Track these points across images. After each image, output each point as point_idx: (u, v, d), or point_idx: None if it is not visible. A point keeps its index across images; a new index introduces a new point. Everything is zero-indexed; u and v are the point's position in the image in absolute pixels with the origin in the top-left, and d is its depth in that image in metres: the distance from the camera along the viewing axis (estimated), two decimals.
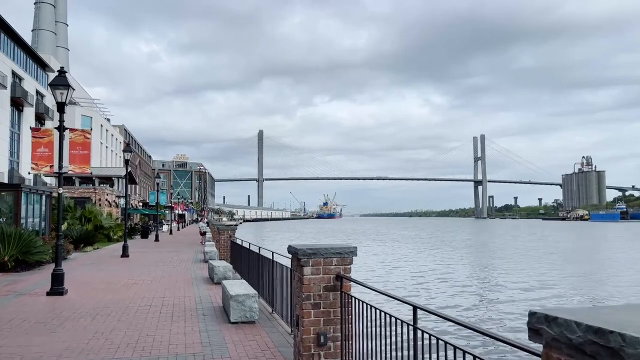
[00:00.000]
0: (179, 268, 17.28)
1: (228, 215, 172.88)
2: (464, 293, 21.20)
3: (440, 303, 18.43)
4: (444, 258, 37.47)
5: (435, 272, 28.70)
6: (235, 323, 8.17)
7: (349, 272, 5.41)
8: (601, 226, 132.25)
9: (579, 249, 47.73)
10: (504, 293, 21.19)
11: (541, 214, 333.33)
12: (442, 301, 19.04)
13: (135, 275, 14.98)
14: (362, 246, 48.70)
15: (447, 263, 33.85)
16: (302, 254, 5.25)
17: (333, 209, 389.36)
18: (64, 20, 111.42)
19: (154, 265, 18.45)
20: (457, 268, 30.80)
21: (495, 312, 17.12)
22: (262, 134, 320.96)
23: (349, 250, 5.38)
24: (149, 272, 16.03)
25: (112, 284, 12.99)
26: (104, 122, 75.45)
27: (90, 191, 45.70)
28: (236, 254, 15.51)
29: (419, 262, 34.38)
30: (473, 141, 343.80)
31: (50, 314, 9.12)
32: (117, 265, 18.20)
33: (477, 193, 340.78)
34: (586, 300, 19.89)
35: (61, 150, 11.49)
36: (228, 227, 17.43)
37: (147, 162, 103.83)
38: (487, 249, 48.36)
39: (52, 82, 11.13)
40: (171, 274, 15.33)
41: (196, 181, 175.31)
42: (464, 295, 20.67)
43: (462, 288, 22.53)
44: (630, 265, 31.87)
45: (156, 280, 13.95)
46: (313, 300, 5.29)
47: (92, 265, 18.16)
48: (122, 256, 22.03)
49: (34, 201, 23.68)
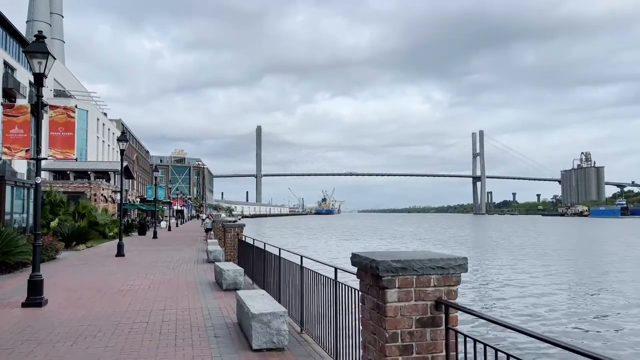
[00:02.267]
0: (180, 270, 15.36)
1: (227, 211, 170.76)
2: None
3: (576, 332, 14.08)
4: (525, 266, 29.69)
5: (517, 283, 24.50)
6: (259, 350, 6.27)
7: (455, 296, 3.52)
8: (605, 222, 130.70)
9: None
10: None
11: (540, 210, 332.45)
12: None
13: (130, 279, 13.05)
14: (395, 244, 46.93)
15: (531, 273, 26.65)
16: (384, 269, 3.34)
17: (331, 205, 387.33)
18: (59, 12, 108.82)
19: (152, 266, 16.52)
20: (541, 277, 28.86)
21: None
22: (260, 129, 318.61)
23: (457, 263, 3.47)
24: (147, 275, 14.11)
25: (102, 291, 11.06)
26: (101, 115, 73.28)
27: (85, 186, 43.65)
28: (246, 254, 13.62)
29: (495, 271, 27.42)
30: (472, 137, 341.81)
31: (20, 334, 7.19)
32: (110, 267, 16.26)
33: (476, 189, 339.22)
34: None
35: (39, 131, 9.53)
36: (235, 225, 15.50)
37: (144, 157, 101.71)
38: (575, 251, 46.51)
39: (28, 49, 9.15)
40: (172, 278, 13.41)
41: (194, 177, 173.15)
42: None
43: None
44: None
45: (154, 285, 12.03)
46: (402, 341, 3.39)
47: (83, 267, 16.21)
48: (117, 255, 20.09)
49: (23, 196, 21.74)
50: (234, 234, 15.58)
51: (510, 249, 41.78)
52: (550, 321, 15.22)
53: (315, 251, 36.88)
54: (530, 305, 17.65)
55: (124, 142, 20.57)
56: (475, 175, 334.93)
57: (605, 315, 16.24)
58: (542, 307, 17.32)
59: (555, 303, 18.16)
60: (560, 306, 17.61)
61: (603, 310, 16.94)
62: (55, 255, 18.66)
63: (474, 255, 35.95)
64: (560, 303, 18.21)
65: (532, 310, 16.88)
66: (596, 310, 17.10)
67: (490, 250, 41.51)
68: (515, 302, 18.49)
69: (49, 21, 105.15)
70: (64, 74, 72.89)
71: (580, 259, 34.07)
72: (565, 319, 15.53)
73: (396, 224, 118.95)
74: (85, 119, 65.48)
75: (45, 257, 17.73)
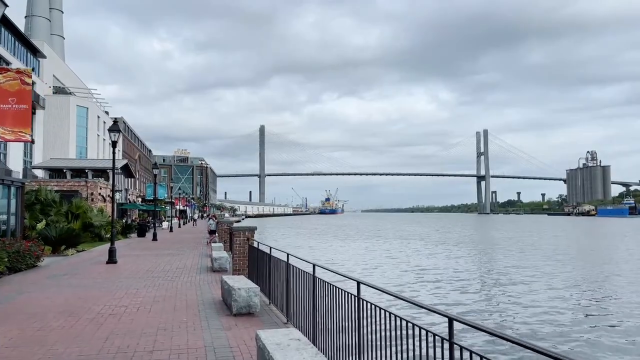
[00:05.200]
0: (180, 282, 12.81)
1: (230, 210, 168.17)
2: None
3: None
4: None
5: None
6: None
7: None
8: (615, 222, 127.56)
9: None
10: None
11: (545, 209, 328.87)
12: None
13: (116, 297, 10.51)
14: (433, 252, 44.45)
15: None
16: None
17: (335, 204, 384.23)
18: (59, 7, 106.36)
19: (147, 276, 13.98)
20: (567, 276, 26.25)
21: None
22: (264, 129, 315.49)
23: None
24: (138, 289, 11.56)
25: (76, 316, 8.51)
26: (102, 113, 70.77)
27: (82, 184, 41.13)
28: (259, 265, 11.06)
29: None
30: (476, 136, 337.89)
31: None
32: (96, 278, 13.72)
33: (480, 188, 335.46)
34: None
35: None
36: (245, 227, 12.93)
37: (147, 156, 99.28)
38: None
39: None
40: (168, 295, 10.86)
41: (197, 176, 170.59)
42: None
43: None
44: None
45: (145, 306, 9.48)
46: None
47: (63, 278, 13.67)
48: (108, 262, 17.58)
49: (8, 194, 19.27)
50: (243, 238, 13.05)
51: (555, 256, 39.08)
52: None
53: (355, 261, 34.22)
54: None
55: (116, 133, 18.05)
56: (479, 174, 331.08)
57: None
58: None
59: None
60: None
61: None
62: (35, 263, 16.15)
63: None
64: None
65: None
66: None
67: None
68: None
69: (49, 17, 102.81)
70: (64, 70, 70.52)
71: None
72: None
73: (403, 223, 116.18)
74: (85, 117, 63.14)
75: (23, 265, 15.26)
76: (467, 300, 18.71)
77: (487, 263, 31.28)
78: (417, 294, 19.73)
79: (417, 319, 8.02)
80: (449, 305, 17.37)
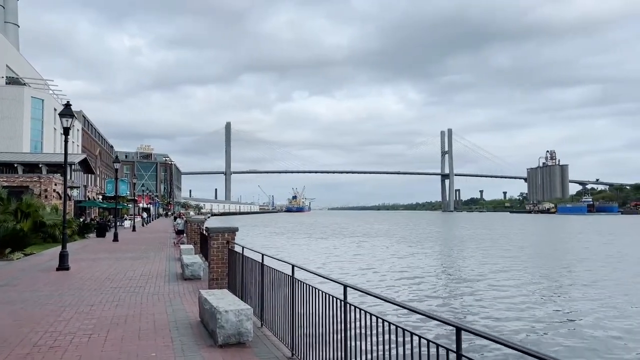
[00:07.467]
0: (145, 295, 10.61)
1: (195, 209, 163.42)
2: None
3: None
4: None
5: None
6: None
7: None
8: (574, 219, 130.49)
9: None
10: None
11: (507, 207, 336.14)
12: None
13: (63, 318, 8.26)
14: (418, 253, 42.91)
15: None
16: None
17: (302, 202, 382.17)
18: None
19: (104, 288, 11.68)
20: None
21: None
22: (230, 126, 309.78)
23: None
24: (92, 307, 9.31)
25: (1, 353, 6.28)
26: (59, 106, 66.24)
27: (34, 180, 37.74)
28: (243, 275, 9.02)
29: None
30: (440, 135, 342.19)
31: None
32: (41, 290, 11.33)
33: (444, 187, 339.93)
34: None
35: None
36: (224, 229, 10.83)
37: (108, 152, 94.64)
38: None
39: None
40: (131, 314, 8.67)
41: (162, 173, 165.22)
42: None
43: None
44: None
45: (100, 332, 7.30)
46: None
47: (0, 291, 11.22)
48: (59, 269, 15.10)
49: None
50: (222, 241, 10.95)
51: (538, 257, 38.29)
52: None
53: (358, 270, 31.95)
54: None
55: (69, 118, 15.58)
56: (443, 172, 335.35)
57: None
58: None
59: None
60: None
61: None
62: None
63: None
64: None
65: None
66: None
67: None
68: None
69: (2, 3, 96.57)
70: (18, 60, 65.86)
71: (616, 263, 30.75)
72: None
73: (368, 221, 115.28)
74: (41, 109, 59.09)
75: None
76: (445, 297, 17.15)
77: (457, 261, 30.05)
78: (397, 294, 18.11)
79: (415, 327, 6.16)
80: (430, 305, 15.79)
